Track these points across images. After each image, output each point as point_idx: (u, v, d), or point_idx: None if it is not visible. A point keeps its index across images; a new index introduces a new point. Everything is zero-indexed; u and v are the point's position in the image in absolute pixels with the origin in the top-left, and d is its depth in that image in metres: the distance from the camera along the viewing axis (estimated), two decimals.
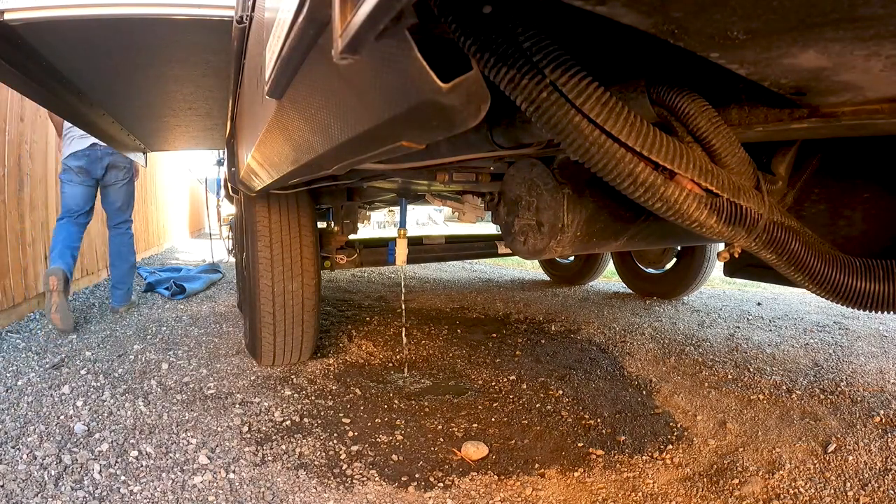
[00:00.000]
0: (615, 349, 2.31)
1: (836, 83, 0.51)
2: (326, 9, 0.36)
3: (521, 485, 1.25)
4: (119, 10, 1.65)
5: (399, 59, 0.36)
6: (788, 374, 1.98)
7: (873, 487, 1.23)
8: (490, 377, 1.96)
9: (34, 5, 1.64)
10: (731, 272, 1.38)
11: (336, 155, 0.66)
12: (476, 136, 0.94)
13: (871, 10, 0.35)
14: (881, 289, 0.69)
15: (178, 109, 2.95)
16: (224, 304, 3.27)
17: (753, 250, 0.72)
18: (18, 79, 2.09)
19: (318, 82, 0.56)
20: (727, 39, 0.43)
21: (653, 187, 0.61)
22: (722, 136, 0.65)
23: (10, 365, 1.98)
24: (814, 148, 0.91)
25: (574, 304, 3.31)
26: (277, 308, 1.84)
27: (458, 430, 1.53)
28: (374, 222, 11.71)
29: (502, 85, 0.54)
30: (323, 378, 1.91)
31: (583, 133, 0.56)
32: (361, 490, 1.22)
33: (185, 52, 1.96)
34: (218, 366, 2.02)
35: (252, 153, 1.19)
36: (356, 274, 4.51)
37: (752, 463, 1.34)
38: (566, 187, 1.12)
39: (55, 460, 1.27)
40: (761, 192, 0.71)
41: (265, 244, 1.83)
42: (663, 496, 1.21)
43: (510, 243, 1.32)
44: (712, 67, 0.51)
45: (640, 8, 0.39)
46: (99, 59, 2.06)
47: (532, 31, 0.52)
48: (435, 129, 0.43)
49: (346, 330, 2.56)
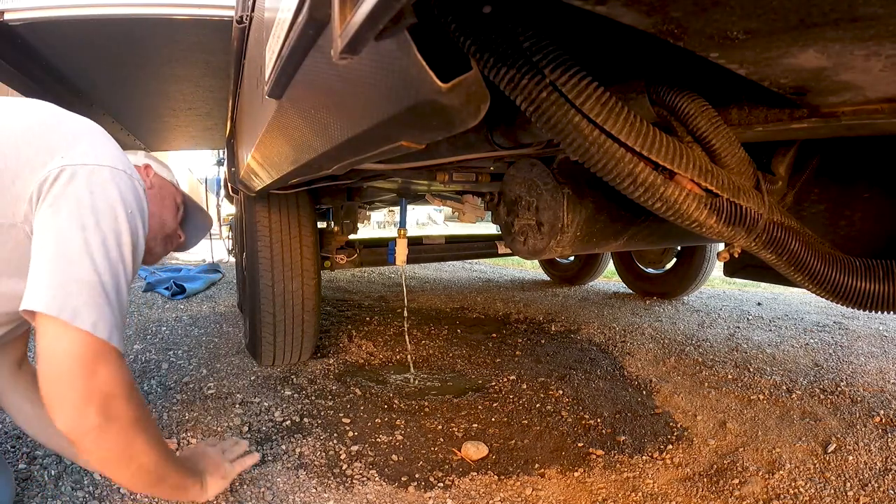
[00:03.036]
0: (615, 349, 2.31)
1: (836, 83, 0.51)
2: (326, 9, 0.36)
3: (521, 485, 1.25)
4: (119, 9, 1.65)
5: (399, 58, 0.36)
6: (788, 374, 1.98)
7: (873, 487, 1.23)
8: (490, 377, 1.96)
9: (34, 5, 1.64)
10: (731, 272, 1.38)
11: (336, 155, 0.66)
12: (476, 137, 0.94)
13: (871, 10, 0.35)
14: (881, 289, 0.69)
15: (178, 109, 2.95)
16: (224, 304, 3.27)
17: (753, 250, 0.72)
18: (18, 79, 2.09)
19: (317, 82, 0.56)
20: (727, 39, 0.43)
21: (653, 187, 0.61)
22: (722, 136, 0.65)
23: None
24: (814, 148, 0.91)
25: (574, 304, 3.31)
26: (277, 308, 1.84)
27: (458, 430, 1.53)
28: (374, 222, 11.72)
29: (502, 85, 0.54)
30: (323, 378, 1.91)
31: (583, 133, 0.56)
32: (361, 490, 1.22)
33: (185, 51, 1.97)
34: (218, 366, 2.02)
35: (252, 153, 1.19)
36: (356, 274, 4.51)
37: (752, 463, 1.34)
38: (566, 187, 1.12)
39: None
40: (761, 192, 0.71)
41: (265, 244, 1.83)
42: (663, 496, 1.21)
43: (510, 243, 1.32)
44: (712, 67, 0.51)
45: (639, 8, 0.39)
46: (99, 58, 2.06)
47: (532, 32, 0.52)
48: (435, 129, 0.43)
49: (347, 330, 2.56)
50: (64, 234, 0.79)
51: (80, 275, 0.78)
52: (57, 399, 0.77)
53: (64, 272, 0.78)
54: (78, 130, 0.91)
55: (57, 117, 0.92)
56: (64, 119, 0.93)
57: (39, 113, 0.91)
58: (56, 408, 0.78)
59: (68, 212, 0.80)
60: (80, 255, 0.79)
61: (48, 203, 0.80)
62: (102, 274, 0.81)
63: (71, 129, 0.90)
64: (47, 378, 0.77)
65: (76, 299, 0.77)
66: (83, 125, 0.94)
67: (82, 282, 0.78)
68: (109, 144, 0.93)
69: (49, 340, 0.77)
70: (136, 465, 0.86)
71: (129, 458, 0.85)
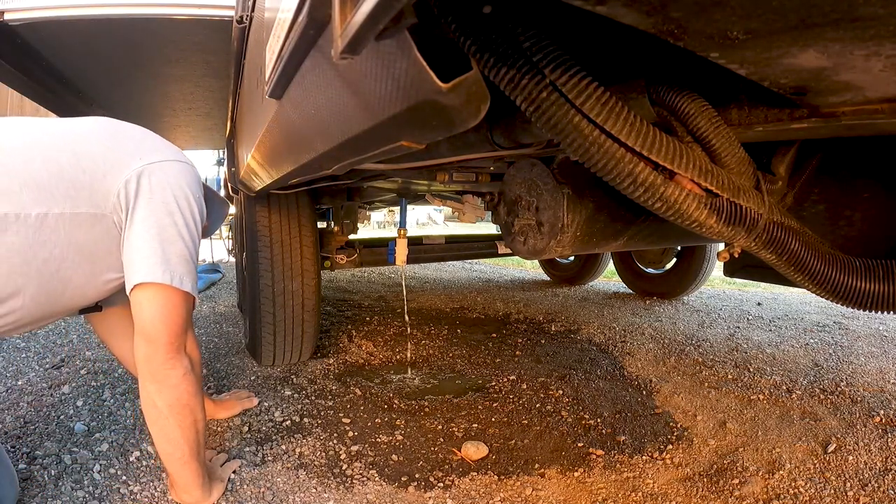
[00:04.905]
0: (615, 349, 2.31)
1: (836, 83, 0.51)
2: (326, 9, 0.36)
3: (521, 485, 1.25)
4: (119, 9, 1.65)
5: (399, 58, 0.36)
6: (788, 374, 1.98)
7: (873, 487, 1.23)
8: (490, 377, 1.96)
9: (34, 5, 1.64)
10: (731, 272, 1.38)
11: (336, 155, 0.66)
12: (476, 136, 0.94)
13: (871, 10, 0.35)
14: (881, 289, 0.69)
15: (178, 109, 2.95)
16: (224, 304, 3.27)
17: (753, 250, 0.72)
18: (18, 79, 2.10)
19: (318, 82, 0.56)
20: (727, 39, 0.43)
21: (653, 187, 0.61)
22: (722, 136, 0.65)
23: (10, 365, 1.98)
24: (814, 148, 0.91)
25: (574, 304, 3.31)
26: (277, 308, 1.84)
27: (458, 430, 1.53)
28: (374, 222, 11.72)
29: (502, 85, 0.54)
30: (323, 378, 1.91)
31: (583, 133, 0.56)
32: (361, 490, 1.22)
33: (185, 51, 1.97)
34: (218, 366, 2.02)
35: (252, 153, 1.19)
36: (356, 274, 4.51)
37: (752, 463, 1.34)
38: (566, 187, 1.12)
39: (55, 460, 1.27)
40: (761, 192, 0.71)
41: (265, 244, 1.82)
42: (663, 496, 1.21)
43: (510, 243, 1.31)
44: (712, 67, 0.51)
45: (640, 8, 0.39)
46: (99, 58, 2.06)
47: (532, 31, 0.52)
48: (435, 129, 0.43)
49: (346, 330, 2.56)
50: (160, 220, 1.01)
51: (177, 251, 1.02)
52: (157, 341, 1.01)
53: (166, 251, 1.01)
54: (140, 134, 1.13)
55: (118, 125, 1.13)
56: (124, 126, 1.14)
57: (103, 123, 1.12)
58: (156, 348, 1.01)
59: (158, 202, 1.02)
60: (174, 235, 1.02)
61: (142, 196, 1.01)
62: (190, 248, 1.06)
63: (136, 134, 1.12)
64: (152, 328, 1.00)
65: (179, 269, 1.02)
66: (140, 129, 1.15)
67: (180, 255, 1.03)
68: (165, 142, 1.15)
69: (153, 300, 1.00)
70: (193, 419, 1.06)
71: (192, 409, 1.05)
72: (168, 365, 1.01)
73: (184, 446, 1.05)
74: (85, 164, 0.99)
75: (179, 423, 1.04)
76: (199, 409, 1.07)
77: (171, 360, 1.02)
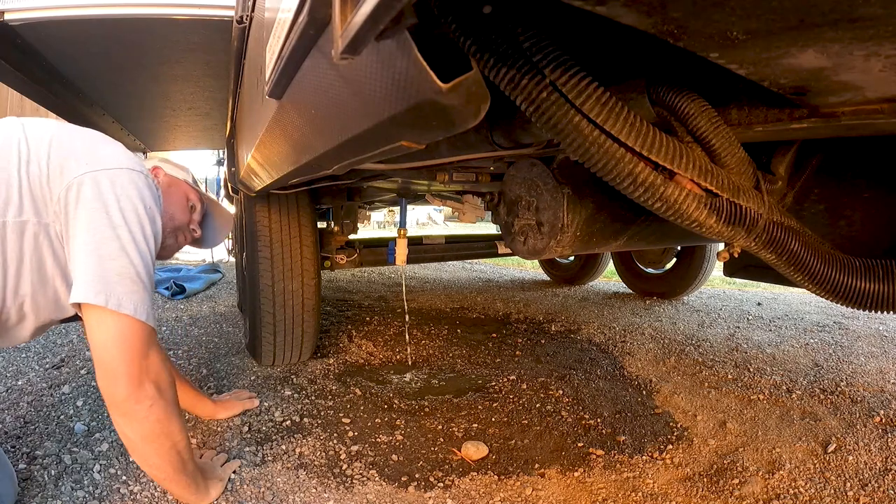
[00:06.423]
0: (615, 349, 2.31)
1: (835, 83, 0.51)
2: (326, 9, 0.36)
3: (521, 485, 1.25)
4: (119, 10, 1.65)
5: (399, 59, 0.37)
6: (788, 374, 1.98)
7: (873, 487, 1.23)
8: (490, 377, 1.96)
9: (34, 5, 1.64)
10: (731, 272, 1.38)
11: (336, 155, 0.66)
12: (476, 137, 0.94)
13: (870, 11, 0.35)
14: (881, 289, 0.69)
15: (178, 109, 2.95)
16: (224, 304, 3.27)
17: (753, 250, 0.72)
18: (18, 79, 2.09)
19: (318, 82, 0.56)
20: (727, 39, 0.43)
21: (653, 187, 0.61)
22: (722, 136, 0.65)
23: (10, 365, 1.98)
24: (814, 148, 0.91)
25: (574, 304, 3.31)
26: (277, 308, 1.84)
27: (458, 430, 1.53)
28: (374, 222, 11.71)
29: (502, 85, 0.54)
30: (323, 378, 1.91)
31: (583, 133, 0.56)
32: (361, 490, 1.22)
33: (186, 51, 1.96)
34: (218, 366, 2.02)
35: (252, 153, 1.19)
36: (356, 274, 4.51)
37: (752, 463, 1.34)
38: (566, 187, 1.12)
39: (55, 460, 1.27)
40: (761, 192, 0.71)
41: (265, 244, 1.83)
42: (663, 496, 1.21)
43: (510, 243, 1.32)
44: (712, 67, 0.51)
45: (639, 8, 0.39)
46: (99, 58, 2.06)
47: (532, 32, 0.52)
48: (435, 129, 0.43)
49: (346, 330, 2.56)
50: (99, 232, 0.91)
51: (118, 268, 0.92)
52: (114, 374, 0.91)
53: (104, 267, 0.90)
54: (91, 139, 1.04)
55: (68, 128, 1.05)
56: (75, 129, 1.05)
57: (53, 125, 1.03)
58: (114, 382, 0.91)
59: (99, 213, 0.92)
60: (116, 250, 0.92)
61: (82, 206, 0.92)
62: (137, 266, 0.94)
63: (86, 138, 1.03)
64: (103, 357, 0.91)
65: (118, 289, 0.91)
66: (93, 134, 1.07)
67: (121, 274, 0.92)
68: (120, 149, 1.06)
69: (98, 325, 0.91)
70: (171, 443, 0.99)
71: (168, 434, 0.98)
72: (132, 400, 0.92)
73: (167, 468, 1.02)
74: (32, 169, 0.93)
75: (157, 451, 0.99)
76: (177, 430, 1.00)
77: (133, 394, 0.92)
